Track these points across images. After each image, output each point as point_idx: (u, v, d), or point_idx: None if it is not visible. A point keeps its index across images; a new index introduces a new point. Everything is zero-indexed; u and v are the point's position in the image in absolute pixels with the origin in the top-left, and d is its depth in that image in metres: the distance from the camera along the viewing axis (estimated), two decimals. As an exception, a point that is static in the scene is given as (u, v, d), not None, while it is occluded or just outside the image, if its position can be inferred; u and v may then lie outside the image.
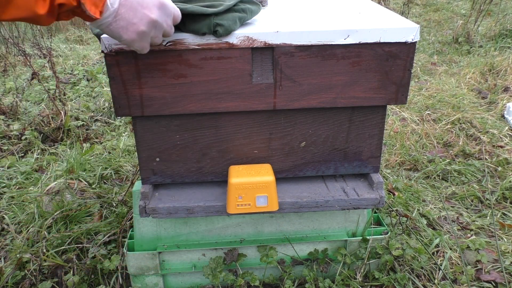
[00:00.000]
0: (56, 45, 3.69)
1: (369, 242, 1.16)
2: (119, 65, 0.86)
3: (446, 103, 2.36)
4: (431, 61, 3.16)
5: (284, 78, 0.90)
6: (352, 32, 0.86)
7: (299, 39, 0.86)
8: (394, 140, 2.01)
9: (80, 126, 2.24)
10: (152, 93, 0.90)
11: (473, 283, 1.20)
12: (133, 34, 0.72)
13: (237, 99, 0.91)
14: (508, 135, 2.00)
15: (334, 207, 1.02)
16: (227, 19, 0.83)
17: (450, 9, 4.65)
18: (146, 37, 0.74)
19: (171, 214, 1.00)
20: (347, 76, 0.91)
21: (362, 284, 1.17)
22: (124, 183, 1.71)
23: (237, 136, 0.99)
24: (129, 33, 0.72)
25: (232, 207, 0.97)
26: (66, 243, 1.34)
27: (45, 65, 3.01)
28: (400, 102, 0.95)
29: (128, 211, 1.47)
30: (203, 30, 0.84)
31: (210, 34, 0.84)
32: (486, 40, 3.43)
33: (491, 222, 1.46)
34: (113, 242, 1.36)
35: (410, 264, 1.23)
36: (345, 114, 0.98)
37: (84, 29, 4.30)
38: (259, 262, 1.16)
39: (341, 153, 1.04)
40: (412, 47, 0.89)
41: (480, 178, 1.72)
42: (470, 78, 2.69)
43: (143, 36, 0.73)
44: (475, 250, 1.32)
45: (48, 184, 1.65)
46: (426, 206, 1.55)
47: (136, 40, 0.73)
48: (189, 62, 0.87)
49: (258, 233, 1.16)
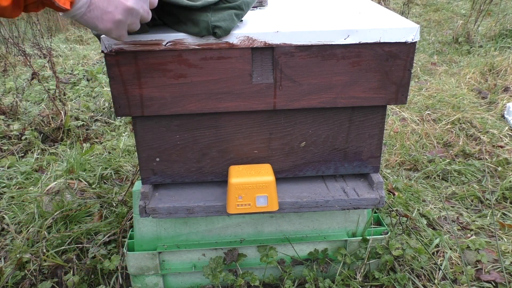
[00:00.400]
0: (56, 45, 3.69)
1: (369, 242, 1.16)
2: (119, 65, 0.86)
3: (446, 103, 2.36)
4: (431, 61, 3.16)
5: (284, 78, 0.90)
6: (352, 32, 0.86)
7: (299, 39, 0.86)
8: (394, 140, 2.01)
9: (80, 126, 2.24)
10: (152, 93, 0.90)
11: (473, 283, 1.20)
12: (109, 23, 0.70)
13: (237, 99, 0.91)
14: (508, 135, 2.00)
15: (334, 207, 1.02)
16: (224, 19, 0.83)
17: (450, 9, 4.65)
18: (123, 25, 0.72)
19: (171, 214, 1.00)
20: (347, 76, 0.91)
21: (362, 284, 1.17)
22: (124, 183, 1.71)
23: (237, 136, 0.99)
24: (104, 22, 0.69)
25: (232, 207, 0.97)
26: (66, 243, 1.34)
27: (45, 65, 3.01)
28: (400, 102, 0.95)
29: (128, 211, 1.47)
30: (202, 33, 0.83)
31: (210, 35, 0.84)
32: (486, 40, 3.43)
33: (491, 222, 1.46)
34: (113, 242, 1.36)
35: (410, 264, 1.23)
36: (345, 114, 0.98)
37: (84, 29, 4.30)
38: (259, 262, 1.16)
39: (341, 153, 1.04)
40: (412, 47, 0.89)
41: (480, 178, 1.72)
42: (470, 78, 2.69)
43: (119, 24, 0.71)
44: (475, 250, 1.32)
45: (48, 184, 1.65)
46: (426, 206, 1.55)
47: (113, 29, 0.71)
48: (189, 62, 0.87)
49: (258, 233, 1.16)
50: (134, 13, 0.72)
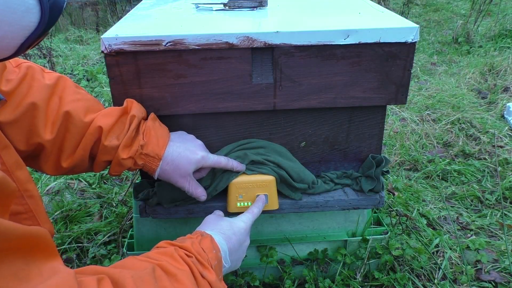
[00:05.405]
0: (56, 45, 3.69)
1: (369, 242, 1.16)
2: (119, 65, 0.86)
3: (446, 103, 2.36)
4: (431, 61, 3.16)
5: (284, 78, 0.90)
6: (352, 32, 0.86)
7: (299, 39, 0.86)
8: (394, 140, 2.01)
9: (80, 126, 2.23)
10: (152, 93, 0.90)
11: (473, 283, 1.20)
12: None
13: (237, 99, 0.91)
14: (508, 135, 2.00)
15: (334, 207, 1.02)
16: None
17: (450, 9, 4.65)
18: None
19: (171, 214, 1.00)
20: (347, 76, 0.91)
21: (362, 284, 1.17)
22: (124, 183, 1.71)
23: (237, 136, 0.99)
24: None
25: (232, 206, 0.97)
26: (66, 243, 1.34)
27: (45, 65, 3.01)
28: (400, 102, 0.95)
29: (128, 211, 1.47)
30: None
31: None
32: (486, 40, 3.43)
33: (491, 222, 1.46)
34: (113, 242, 1.36)
35: (410, 264, 1.23)
36: (345, 114, 0.98)
37: (84, 29, 4.30)
38: (259, 262, 1.16)
39: (341, 153, 1.04)
40: (412, 47, 0.89)
41: (480, 178, 1.72)
42: (470, 78, 2.69)
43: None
44: (475, 250, 1.32)
45: (48, 184, 1.65)
46: (426, 206, 1.55)
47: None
48: (189, 62, 0.87)
49: (258, 233, 1.16)
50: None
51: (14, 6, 0.48)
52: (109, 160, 0.83)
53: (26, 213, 0.67)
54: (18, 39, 0.52)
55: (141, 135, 0.83)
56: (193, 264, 0.65)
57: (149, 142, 0.83)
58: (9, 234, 0.40)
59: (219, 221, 0.83)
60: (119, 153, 0.81)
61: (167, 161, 0.85)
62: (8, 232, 0.40)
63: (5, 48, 0.52)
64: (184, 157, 0.85)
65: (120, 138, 0.81)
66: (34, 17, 0.51)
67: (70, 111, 0.79)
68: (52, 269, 0.45)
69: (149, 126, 0.85)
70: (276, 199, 0.98)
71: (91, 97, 0.87)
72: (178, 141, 0.88)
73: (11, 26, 0.49)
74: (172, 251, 0.67)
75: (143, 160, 0.83)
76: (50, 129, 0.79)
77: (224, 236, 0.78)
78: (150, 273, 0.57)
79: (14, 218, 0.65)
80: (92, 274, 0.52)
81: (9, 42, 0.51)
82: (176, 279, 0.60)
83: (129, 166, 0.83)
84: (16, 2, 0.48)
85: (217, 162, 0.91)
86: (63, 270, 0.46)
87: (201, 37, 0.84)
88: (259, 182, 0.95)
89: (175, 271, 0.61)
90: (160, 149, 0.84)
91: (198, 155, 0.87)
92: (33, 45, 0.55)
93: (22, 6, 0.49)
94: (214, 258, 0.71)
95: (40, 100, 0.78)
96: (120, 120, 0.83)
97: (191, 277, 0.63)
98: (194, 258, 0.67)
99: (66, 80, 0.85)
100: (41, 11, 0.51)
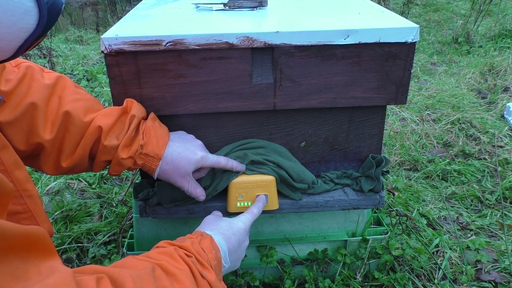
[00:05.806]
0: (56, 45, 3.69)
1: (369, 242, 1.16)
2: (119, 65, 0.86)
3: (446, 103, 2.36)
4: (431, 61, 3.16)
5: (284, 78, 0.90)
6: (352, 32, 0.86)
7: (299, 39, 0.86)
8: (394, 140, 2.01)
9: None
10: (152, 93, 0.90)
11: (473, 283, 1.20)
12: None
13: (237, 99, 0.91)
14: (508, 135, 2.00)
15: (334, 207, 1.02)
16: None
17: (450, 9, 4.65)
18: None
19: (171, 214, 1.00)
20: (347, 76, 0.91)
21: (362, 284, 1.17)
22: (124, 183, 1.71)
23: (237, 136, 0.99)
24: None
25: (232, 206, 0.97)
26: (66, 243, 1.34)
27: (45, 65, 3.01)
28: (400, 102, 0.95)
29: (128, 211, 1.47)
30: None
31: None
32: (486, 40, 3.43)
33: (491, 222, 1.46)
34: (113, 242, 1.36)
35: (410, 264, 1.23)
36: (345, 114, 0.98)
37: (84, 29, 4.30)
38: (259, 262, 1.16)
39: (341, 153, 1.04)
40: (412, 47, 0.89)
41: (480, 178, 1.72)
42: (470, 78, 2.69)
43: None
44: (475, 250, 1.32)
45: (48, 184, 1.65)
46: (426, 206, 1.55)
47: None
48: (189, 62, 0.87)
49: (258, 233, 1.16)
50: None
51: (12, 8, 0.48)
52: (108, 160, 0.83)
53: (25, 212, 0.67)
54: (16, 41, 0.52)
55: (141, 135, 0.83)
56: (192, 264, 0.65)
57: (149, 142, 0.83)
58: (6, 234, 0.40)
59: (218, 222, 0.83)
60: (118, 153, 0.81)
61: (166, 161, 0.85)
62: (6, 231, 0.40)
63: (3, 50, 0.51)
64: (183, 157, 0.85)
65: (120, 138, 0.81)
66: (32, 19, 0.51)
67: (70, 111, 0.79)
68: (50, 268, 0.45)
69: (149, 126, 0.85)
70: (276, 199, 0.98)
71: (90, 97, 0.87)
72: (177, 141, 0.88)
73: (9, 28, 0.49)
74: (171, 251, 0.67)
75: (143, 160, 0.83)
76: (49, 129, 0.79)
77: (224, 236, 0.78)
78: (149, 273, 0.57)
79: (13, 218, 0.65)
80: (91, 273, 0.52)
81: (7, 44, 0.51)
82: (176, 279, 0.60)
83: (129, 166, 0.83)
84: (14, 4, 0.48)
85: (217, 162, 0.91)
86: (62, 269, 0.46)
87: (201, 37, 0.84)
88: (259, 182, 0.95)
89: (174, 270, 0.61)
90: (159, 149, 0.84)
91: (197, 155, 0.87)
92: (32, 47, 0.55)
93: (20, 8, 0.49)
94: (214, 258, 0.71)
95: (40, 100, 0.77)
96: (120, 120, 0.83)
97: (190, 277, 0.63)
98: (194, 258, 0.67)
99: (66, 80, 0.85)
100: (39, 13, 0.51)
